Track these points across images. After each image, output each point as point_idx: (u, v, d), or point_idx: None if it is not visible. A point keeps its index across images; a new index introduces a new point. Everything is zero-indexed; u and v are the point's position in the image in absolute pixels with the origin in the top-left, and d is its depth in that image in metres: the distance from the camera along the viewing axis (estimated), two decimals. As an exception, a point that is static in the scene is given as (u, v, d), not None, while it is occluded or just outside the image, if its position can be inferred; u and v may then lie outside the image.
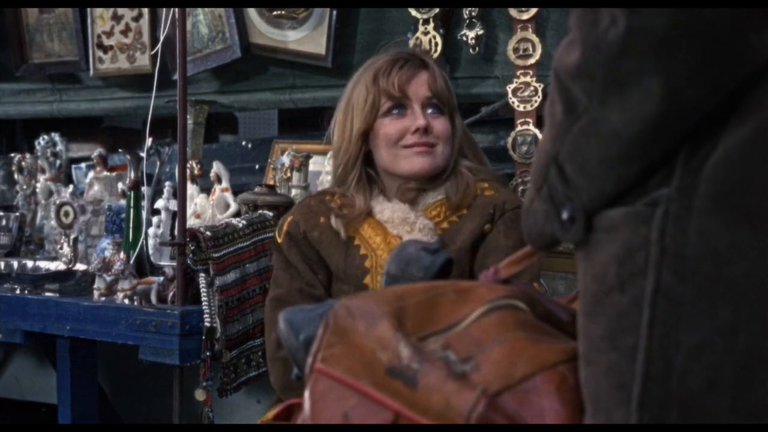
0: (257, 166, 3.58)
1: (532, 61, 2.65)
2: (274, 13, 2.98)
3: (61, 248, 2.77)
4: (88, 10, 3.48)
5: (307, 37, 3.08)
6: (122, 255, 2.49)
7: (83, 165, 3.95)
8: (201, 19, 3.26)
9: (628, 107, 0.86)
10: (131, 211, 2.65)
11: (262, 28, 3.14)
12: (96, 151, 3.71)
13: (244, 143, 3.75)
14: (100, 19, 3.47)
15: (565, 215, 0.94)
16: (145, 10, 3.37)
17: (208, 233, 2.17)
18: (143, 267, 2.64)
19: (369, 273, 1.99)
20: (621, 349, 0.90)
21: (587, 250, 0.94)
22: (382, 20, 2.98)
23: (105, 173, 3.52)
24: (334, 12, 3.01)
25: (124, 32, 3.41)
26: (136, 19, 3.40)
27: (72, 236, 2.71)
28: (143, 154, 2.68)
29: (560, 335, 1.05)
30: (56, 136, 4.02)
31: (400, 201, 2.04)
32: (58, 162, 3.94)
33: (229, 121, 4.03)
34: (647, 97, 0.85)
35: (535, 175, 0.98)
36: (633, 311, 0.89)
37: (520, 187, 2.56)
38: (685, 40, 0.83)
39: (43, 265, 2.80)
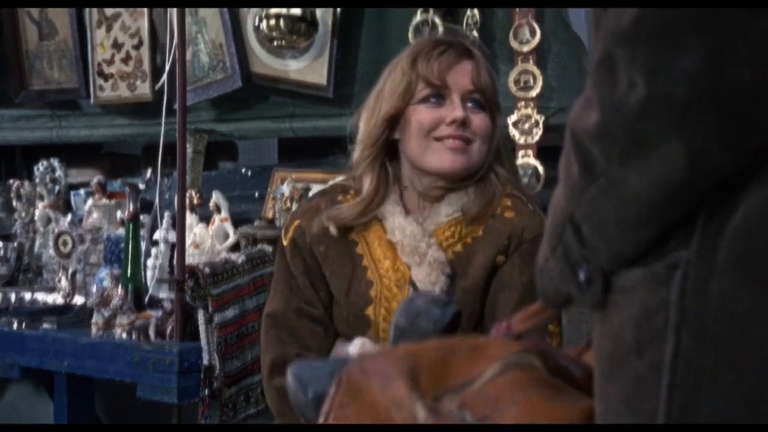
0: (257, 194, 3.56)
1: (533, 93, 2.65)
2: (275, 43, 2.96)
3: (59, 281, 2.74)
4: (88, 37, 3.47)
5: (308, 67, 3.07)
6: (120, 290, 2.47)
7: (82, 191, 3.93)
8: (202, 48, 3.25)
9: (648, 170, 0.85)
10: (130, 243, 2.62)
11: (263, 58, 3.13)
12: (95, 179, 3.69)
13: (243, 170, 3.72)
14: (101, 47, 3.45)
15: (582, 276, 0.92)
16: (146, 38, 3.36)
17: (206, 270, 2.15)
18: (141, 299, 2.62)
19: (372, 303, 1.82)
20: (639, 414, 0.88)
21: (604, 312, 0.92)
22: (383, 49, 2.96)
23: (104, 201, 3.50)
24: (336, 42, 3.00)
25: (125, 60, 3.40)
26: (137, 47, 3.38)
27: (70, 270, 2.68)
28: (142, 186, 2.66)
29: (574, 392, 1.03)
30: (55, 162, 4.00)
31: (418, 213, 1.85)
32: (57, 188, 3.92)
33: (228, 148, 4.01)
34: (668, 161, 0.83)
35: (549, 234, 0.96)
36: (651, 375, 0.87)
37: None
38: (706, 105, 0.81)
39: (41, 297, 2.77)
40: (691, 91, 0.81)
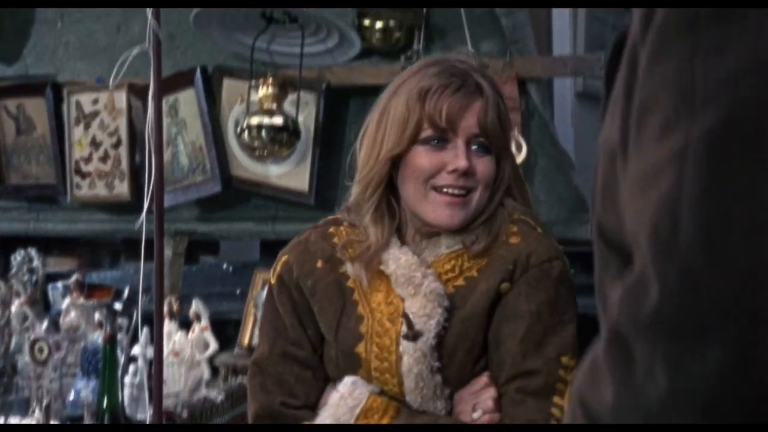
0: (238, 291, 3.50)
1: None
2: (256, 153, 2.92)
3: (33, 412, 2.66)
4: (66, 135, 3.41)
5: (289, 173, 3.02)
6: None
7: (59, 284, 3.86)
8: (181, 149, 3.20)
9: None
10: (107, 366, 2.55)
11: (244, 162, 3.08)
12: (73, 277, 3.62)
13: (225, 266, 3.67)
14: (78, 145, 3.39)
15: None
16: (124, 138, 3.30)
17: (184, 413, 2.08)
18: (118, 420, 2.54)
19: (363, 340, 1.68)
20: None
21: None
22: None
23: (81, 300, 3.44)
24: (318, 150, 2.96)
25: (103, 159, 3.34)
26: (116, 146, 3.33)
27: (44, 402, 2.61)
28: (118, 307, 2.60)
29: None
30: (33, 251, 3.94)
31: (414, 244, 1.72)
32: (34, 278, 3.86)
33: (209, 243, 3.96)
34: None
35: None
36: None
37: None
38: (731, 405, 0.77)
39: (14, 422, 2.69)
40: (716, 390, 0.77)
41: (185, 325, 2.99)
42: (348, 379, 1.68)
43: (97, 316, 3.22)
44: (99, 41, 3.47)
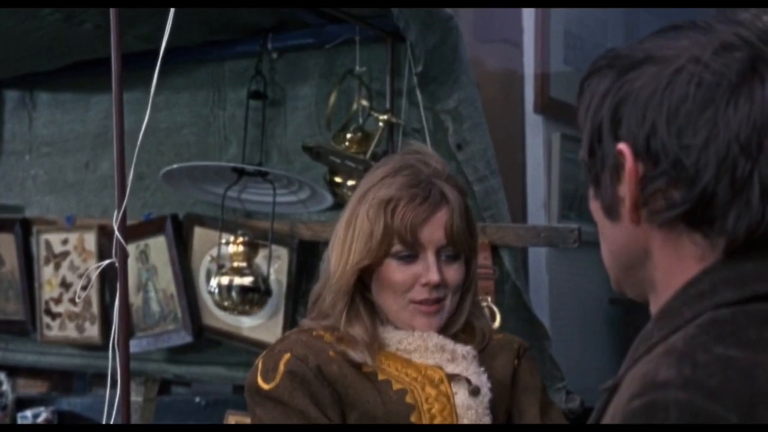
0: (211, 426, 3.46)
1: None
2: (227, 312, 2.88)
3: None
4: (36, 273, 3.36)
5: (262, 325, 2.98)
6: None
7: (29, 414, 3.81)
8: (152, 296, 3.16)
9: None
10: None
11: (216, 312, 3.03)
12: (42, 415, 3.58)
13: (197, 399, 3.62)
14: (48, 284, 3.35)
15: None
16: (94, 279, 3.26)
17: None
18: None
19: (415, 409, 1.67)
20: None
21: None
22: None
23: (52, 439, 3.39)
24: (291, 304, 2.92)
25: (73, 301, 3.29)
26: (85, 288, 3.28)
27: None
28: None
29: None
30: (2, 375, 3.89)
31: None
32: (3, 402, 3.82)
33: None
34: None
35: None
36: None
37: None
38: None
39: None
40: None
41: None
42: None
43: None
44: (67, 177, 3.44)
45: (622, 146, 0.97)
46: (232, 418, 3.22)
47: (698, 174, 0.93)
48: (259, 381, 1.68)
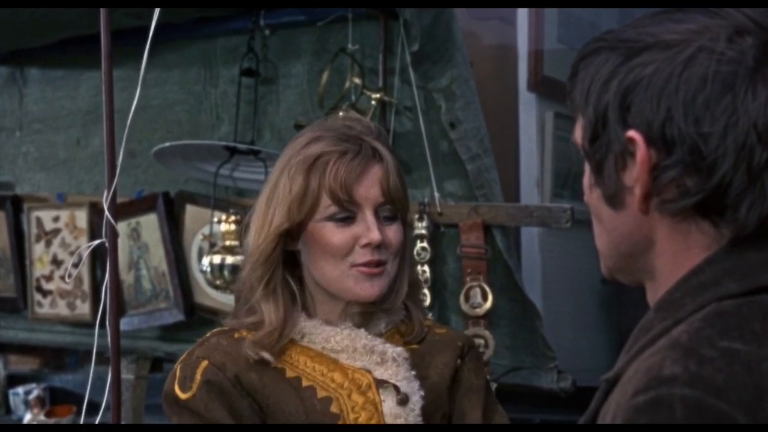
0: (203, 404, 3.46)
1: (484, 358, 2.57)
2: (219, 290, 2.87)
3: None
4: (27, 251, 3.35)
5: (254, 304, 2.97)
6: None
7: (20, 390, 3.81)
8: (144, 273, 3.15)
9: None
10: None
11: (208, 291, 3.03)
12: (33, 392, 3.57)
13: (189, 377, 3.61)
14: (39, 262, 3.34)
15: None
16: (86, 257, 3.24)
17: None
18: None
19: (340, 419, 1.56)
20: None
21: None
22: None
23: (42, 417, 3.39)
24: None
25: (64, 278, 3.28)
26: (77, 265, 3.27)
27: None
28: None
29: None
30: (-7, 353, 3.89)
31: (352, 324, 1.62)
32: (-5, 380, 3.83)
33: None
34: None
35: None
36: None
37: None
38: None
39: None
40: None
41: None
42: None
43: (58, 436, 3.19)
44: (58, 154, 3.42)
45: (634, 133, 0.95)
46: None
47: (716, 162, 0.92)
48: (176, 390, 1.58)
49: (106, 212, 1.86)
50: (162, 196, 3.07)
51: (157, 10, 1.82)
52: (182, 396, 1.57)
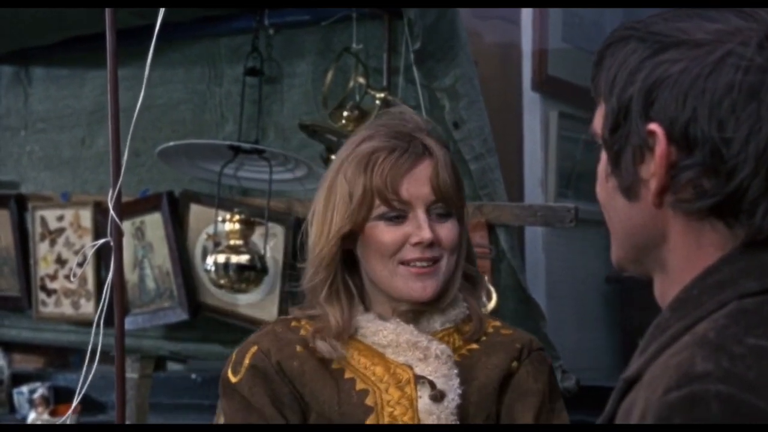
0: (207, 403, 3.46)
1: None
2: (223, 290, 2.87)
3: None
4: (31, 250, 3.35)
5: (258, 303, 2.98)
6: None
7: (25, 389, 3.81)
8: (148, 272, 3.15)
9: None
10: None
11: (212, 290, 3.03)
12: (38, 391, 3.58)
13: (193, 376, 3.63)
14: (44, 261, 3.34)
15: None
16: (90, 257, 3.25)
17: None
18: None
19: (373, 412, 1.58)
20: None
21: None
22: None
23: (46, 416, 3.40)
24: (287, 282, 2.92)
25: (68, 277, 3.29)
26: (81, 264, 3.27)
27: None
28: None
29: None
30: (-2, 351, 3.89)
31: (402, 321, 1.62)
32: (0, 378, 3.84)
33: (177, 349, 3.92)
34: None
35: None
36: None
37: None
38: None
39: None
40: None
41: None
42: None
43: (62, 435, 3.19)
44: (63, 153, 3.42)
45: (655, 127, 0.95)
46: (228, 395, 3.23)
47: (736, 167, 0.93)
48: (229, 373, 1.63)
49: (111, 211, 1.86)
50: (166, 196, 3.07)
51: (162, 10, 1.82)
52: (233, 379, 1.61)
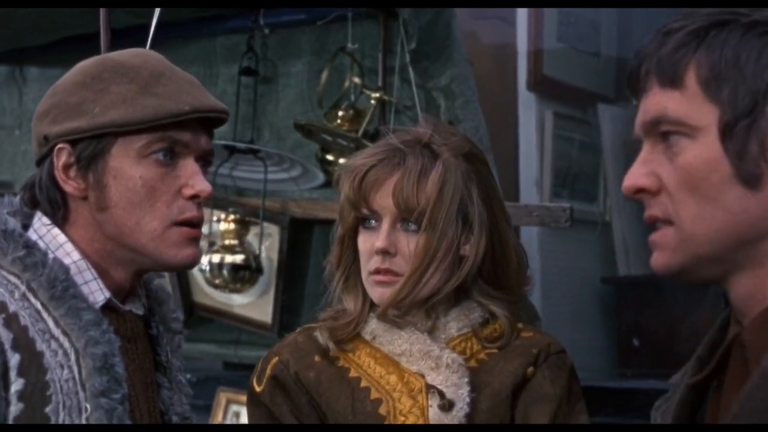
0: (202, 403, 3.45)
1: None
2: (218, 290, 2.88)
3: None
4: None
5: (253, 303, 2.99)
6: None
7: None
8: (143, 273, 3.15)
9: None
10: None
11: (207, 290, 3.03)
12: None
13: (188, 376, 3.59)
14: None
15: None
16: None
17: None
18: None
19: (386, 420, 1.60)
20: None
21: None
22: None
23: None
24: (281, 283, 2.93)
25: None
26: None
27: None
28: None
29: None
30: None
31: (417, 329, 1.63)
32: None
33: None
34: None
35: None
36: None
37: None
38: None
39: None
40: None
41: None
42: None
43: None
44: (58, 153, 3.41)
45: None
46: (223, 395, 3.24)
47: None
48: (254, 382, 1.66)
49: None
50: (161, 196, 3.06)
51: (157, 10, 1.82)
52: (257, 389, 1.65)
